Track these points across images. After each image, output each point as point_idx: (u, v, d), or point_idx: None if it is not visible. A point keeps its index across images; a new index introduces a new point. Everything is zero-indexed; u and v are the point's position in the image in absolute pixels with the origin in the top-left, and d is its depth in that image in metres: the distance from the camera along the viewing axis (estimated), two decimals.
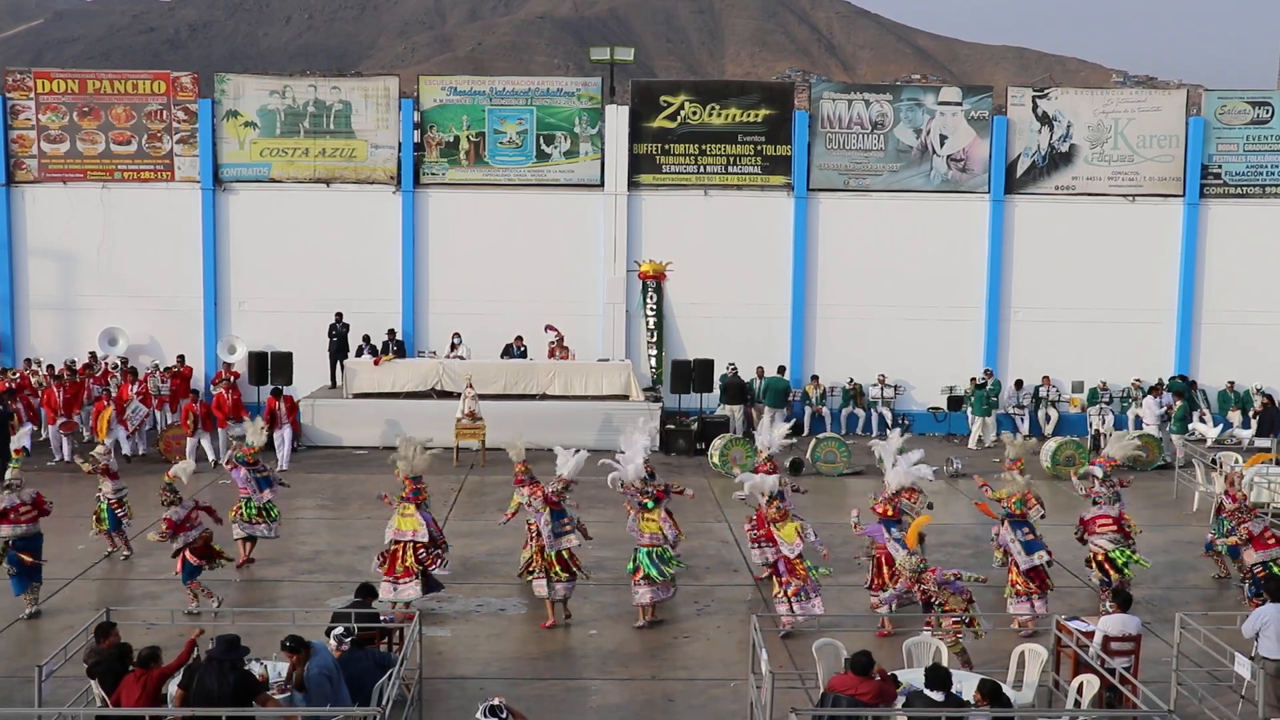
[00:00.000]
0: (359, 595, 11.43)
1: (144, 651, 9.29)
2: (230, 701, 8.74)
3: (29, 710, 9.99)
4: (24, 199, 26.07)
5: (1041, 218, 26.41)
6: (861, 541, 14.36)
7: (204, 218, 26.01)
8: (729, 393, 24.69)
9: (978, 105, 26.54)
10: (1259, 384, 26.09)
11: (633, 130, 26.19)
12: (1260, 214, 26.49)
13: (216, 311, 26.23)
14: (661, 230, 26.18)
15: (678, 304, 26.44)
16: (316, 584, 14.76)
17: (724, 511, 18.62)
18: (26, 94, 25.92)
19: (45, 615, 13.42)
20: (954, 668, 10.10)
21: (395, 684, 9.59)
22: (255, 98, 26.11)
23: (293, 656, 9.14)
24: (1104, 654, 10.54)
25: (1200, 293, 26.62)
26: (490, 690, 10.09)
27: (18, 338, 26.09)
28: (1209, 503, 16.49)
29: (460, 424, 21.97)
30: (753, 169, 26.38)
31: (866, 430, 25.71)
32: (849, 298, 26.35)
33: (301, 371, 24.08)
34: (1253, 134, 26.46)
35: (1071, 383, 26.22)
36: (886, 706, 9.24)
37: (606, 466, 14.44)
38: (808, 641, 11.21)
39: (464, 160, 26.23)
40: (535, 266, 26.04)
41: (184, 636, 11.59)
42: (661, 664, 12.14)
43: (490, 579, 15.03)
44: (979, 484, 15.43)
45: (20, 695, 10.87)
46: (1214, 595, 14.88)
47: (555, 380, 23.89)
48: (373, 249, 26.19)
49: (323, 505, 19.07)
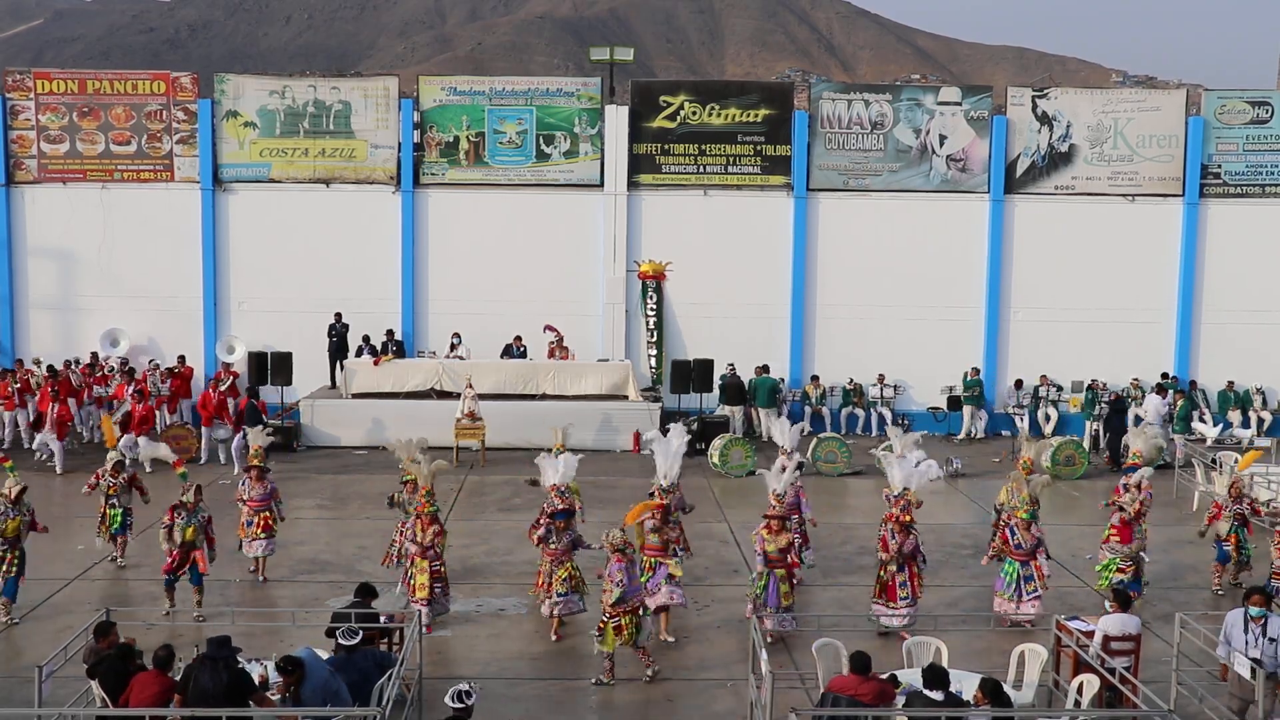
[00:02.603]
0: (358, 595, 11.41)
1: (160, 652, 9.29)
2: (225, 699, 8.78)
3: (29, 710, 9.99)
4: (24, 199, 26.07)
5: (1041, 218, 26.41)
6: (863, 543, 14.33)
7: (204, 218, 26.00)
8: (728, 393, 24.70)
9: (977, 105, 26.54)
10: (1259, 384, 26.11)
11: (632, 130, 26.18)
12: (1260, 214, 26.48)
13: (216, 311, 26.22)
14: (661, 230, 26.17)
15: (677, 304, 26.43)
16: (316, 584, 14.75)
17: (724, 512, 18.62)
18: (26, 94, 25.91)
19: (45, 615, 13.42)
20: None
21: (395, 684, 9.59)
22: (255, 98, 26.11)
23: (287, 679, 9.10)
24: (1104, 654, 10.55)
25: (1200, 292, 26.61)
26: (490, 690, 10.08)
27: (18, 338, 26.08)
28: (1209, 502, 16.48)
29: (460, 424, 21.98)
30: (752, 169, 26.38)
31: (866, 430, 25.73)
32: (849, 298, 26.35)
33: (301, 371, 24.08)
34: (1252, 134, 26.46)
35: (1071, 382, 26.22)
36: (886, 706, 9.24)
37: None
38: (808, 641, 11.21)
39: (464, 160, 26.23)
40: (535, 266, 26.03)
41: (184, 636, 11.63)
42: (661, 664, 12.13)
43: (490, 579, 15.03)
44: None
45: (20, 695, 10.86)
46: (1214, 595, 14.88)
47: (555, 380, 23.89)
48: (372, 249, 26.18)
49: (322, 505, 19.06)
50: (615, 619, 11.48)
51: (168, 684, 9.09)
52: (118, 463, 15.55)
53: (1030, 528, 13.22)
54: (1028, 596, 13.06)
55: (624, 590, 11.45)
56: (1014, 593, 13.08)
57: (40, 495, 15.70)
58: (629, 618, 11.51)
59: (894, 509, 13.15)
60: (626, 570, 11.56)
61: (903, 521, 12.97)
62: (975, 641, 12.68)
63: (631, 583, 11.61)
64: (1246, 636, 10.23)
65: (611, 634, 11.51)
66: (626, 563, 11.61)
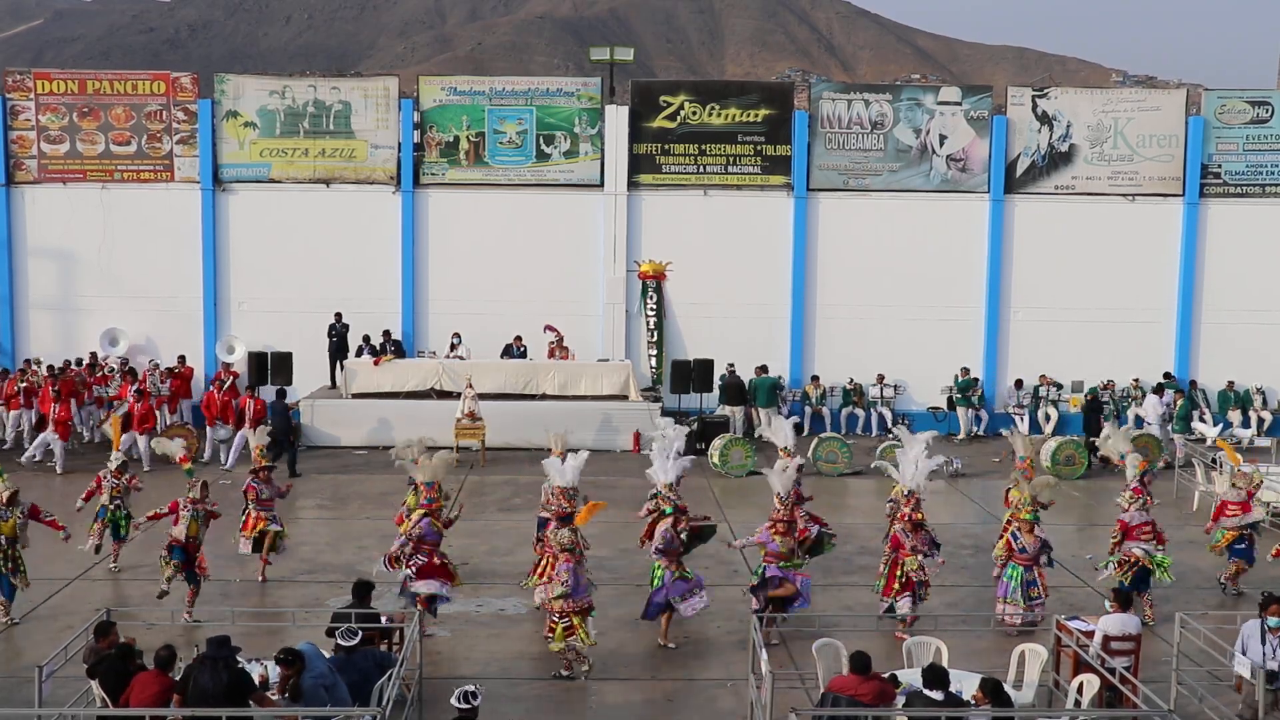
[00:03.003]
0: (355, 594, 11.40)
1: (161, 652, 9.30)
2: (226, 699, 8.79)
3: (29, 710, 9.99)
4: (24, 199, 26.06)
5: (1041, 217, 26.40)
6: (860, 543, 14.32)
7: (204, 218, 26.00)
8: (729, 393, 24.70)
9: (977, 105, 26.54)
10: (1259, 384, 26.10)
11: (632, 130, 26.18)
12: (1260, 214, 26.48)
13: (216, 312, 26.21)
14: (661, 230, 26.17)
15: (678, 304, 26.43)
16: (316, 584, 14.76)
17: (724, 511, 18.62)
18: (26, 94, 25.91)
19: (45, 615, 13.42)
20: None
21: (395, 684, 9.60)
22: (255, 98, 26.10)
23: (287, 670, 9.12)
24: (1104, 654, 10.55)
25: (1200, 292, 26.61)
26: (490, 690, 10.09)
27: (18, 338, 26.08)
28: (1209, 502, 16.47)
29: (460, 424, 21.99)
30: (752, 169, 26.38)
31: (866, 430, 25.73)
32: (849, 298, 26.34)
33: (301, 371, 24.06)
34: (1252, 133, 26.45)
35: (1071, 382, 26.22)
36: (886, 706, 9.24)
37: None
38: (808, 641, 11.21)
39: (464, 160, 26.23)
40: (535, 266, 26.03)
41: (183, 637, 11.63)
42: (661, 664, 12.14)
43: (490, 579, 15.03)
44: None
45: (20, 695, 10.87)
46: (1214, 595, 14.88)
47: (555, 380, 23.89)
48: (372, 249, 26.18)
49: (322, 505, 19.07)
50: (565, 619, 11.61)
51: (168, 684, 9.09)
52: (121, 464, 15.55)
53: (1034, 529, 13.19)
54: (1033, 602, 12.99)
55: (568, 590, 11.56)
56: (1019, 598, 13.02)
57: (40, 496, 15.67)
58: (579, 617, 11.64)
59: (905, 508, 13.15)
60: (573, 570, 11.66)
61: (914, 520, 13.01)
62: (975, 641, 12.68)
63: (579, 583, 11.70)
64: (1264, 648, 10.20)
65: (562, 633, 11.68)
66: (574, 563, 11.72)
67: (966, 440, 25.36)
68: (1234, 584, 14.87)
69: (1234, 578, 14.84)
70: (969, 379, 25.73)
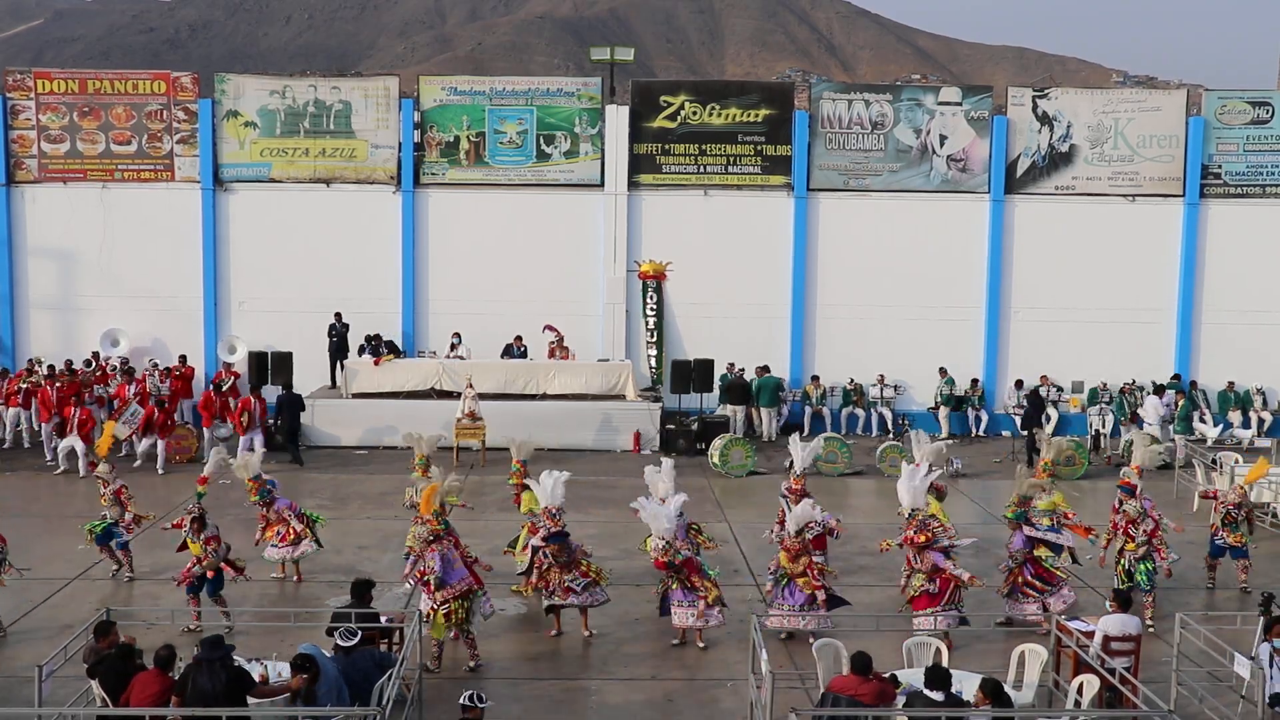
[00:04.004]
0: (354, 593, 11.39)
1: (162, 652, 9.30)
2: (225, 699, 8.80)
3: (29, 710, 9.99)
4: (24, 199, 26.06)
5: (1041, 218, 26.39)
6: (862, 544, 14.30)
7: (204, 218, 26.00)
8: (731, 393, 24.70)
9: (977, 105, 26.53)
10: (1259, 384, 26.10)
11: (633, 130, 26.18)
12: (1260, 214, 26.47)
13: (216, 311, 26.21)
14: (661, 230, 26.16)
15: (678, 304, 26.43)
16: (316, 584, 14.75)
17: (724, 512, 18.62)
18: (26, 94, 25.90)
19: (45, 615, 13.41)
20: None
21: (395, 684, 9.60)
22: (255, 98, 26.10)
23: (304, 677, 9.13)
24: (1104, 654, 10.55)
25: (1200, 293, 26.60)
26: (491, 690, 10.09)
27: (18, 338, 26.07)
28: (1208, 503, 16.46)
29: (460, 424, 21.98)
30: (753, 169, 26.37)
31: (866, 430, 25.72)
32: (849, 298, 26.33)
33: (301, 371, 24.04)
34: (1253, 134, 26.45)
35: (1071, 382, 26.21)
36: (886, 707, 9.24)
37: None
38: (808, 642, 11.21)
39: (464, 160, 26.22)
40: (535, 266, 26.02)
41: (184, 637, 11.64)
42: (661, 664, 12.13)
43: (489, 579, 14.96)
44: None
45: (20, 695, 10.86)
46: (1213, 595, 14.88)
47: (555, 380, 23.89)
48: (372, 249, 26.17)
49: (322, 505, 18.99)
50: (444, 604, 11.81)
51: (168, 684, 9.09)
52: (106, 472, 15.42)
53: (1022, 529, 13.24)
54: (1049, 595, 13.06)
55: (440, 576, 11.77)
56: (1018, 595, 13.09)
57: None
58: (457, 602, 11.85)
59: (908, 530, 12.71)
60: (441, 557, 11.89)
61: (917, 542, 12.57)
62: (975, 642, 12.68)
63: (451, 568, 11.92)
64: (1271, 670, 10.22)
65: (441, 620, 11.85)
66: (441, 550, 11.94)
67: (955, 440, 24.77)
68: (1243, 576, 15.03)
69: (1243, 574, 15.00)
70: (949, 379, 25.57)
